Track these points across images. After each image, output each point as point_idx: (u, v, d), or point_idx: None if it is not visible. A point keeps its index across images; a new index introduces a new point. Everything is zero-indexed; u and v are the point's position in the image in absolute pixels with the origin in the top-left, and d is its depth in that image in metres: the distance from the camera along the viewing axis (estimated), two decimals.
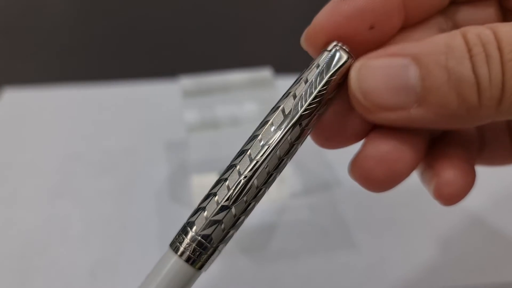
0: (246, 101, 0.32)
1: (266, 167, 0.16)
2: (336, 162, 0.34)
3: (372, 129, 0.17)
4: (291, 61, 0.18)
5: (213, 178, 0.17)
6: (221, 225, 0.16)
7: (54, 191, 0.32)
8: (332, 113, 0.17)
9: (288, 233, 0.30)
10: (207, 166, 0.29)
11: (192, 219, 0.16)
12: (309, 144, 0.19)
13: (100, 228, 0.30)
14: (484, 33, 0.14)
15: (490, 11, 0.18)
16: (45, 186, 0.33)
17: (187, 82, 0.34)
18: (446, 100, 0.14)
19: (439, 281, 0.27)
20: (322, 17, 0.17)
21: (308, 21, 0.18)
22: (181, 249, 0.16)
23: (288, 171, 0.32)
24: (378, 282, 0.27)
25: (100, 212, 0.31)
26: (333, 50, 0.16)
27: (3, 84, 0.43)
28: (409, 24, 0.18)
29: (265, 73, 0.34)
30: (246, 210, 0.16)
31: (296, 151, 0.16)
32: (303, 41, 0.17)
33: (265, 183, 0.16)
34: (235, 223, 0.16)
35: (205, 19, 0.56)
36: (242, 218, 0.16)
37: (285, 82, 0.17)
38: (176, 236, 0.16)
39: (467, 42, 0.14)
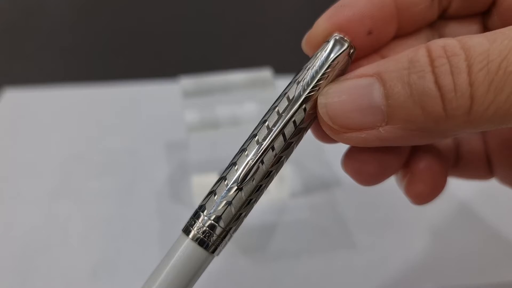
0: (246, 101, 0.32)
1: (273, 149, 0.16)
2: (336, 162, 0.34)
3: None
4: (291, 61, 0.18)
5: (213, 178, 0.17)
6: (231, 206, 0.16)
7: (54, 191, 0.32)
8: None
9: (288, 233, 0.30)
10: (207, 166, 0.29)
11: (203, 202, 0.16)
12: (309, 144, 0.19)
13: (100, 228, 0.30)
14: (450, 44, 0.14)
15: (474, 28, 0.19)
16: (45, 186, 0.33)
17: (187, 82, 0.34)
18: (411, 114, 0.14)
19: (439, 281, 0.27)
20: (324, 21, 0.17)
21: (307, 22, 0.18)
22: (193, 232, 0.16)
23: (288, 171, 0.32)
24: (378, 282, 0.27)
25: (100, 212, 0.31)
26: (333, 40, 0.17)
27: (3, 84, 0.43)
28: (402, 34, 0.19)
29: (265, 73, 0.34)
30: (255, 192, 0.16)
31: (302, 136, 0.17)
32: (304, 44, 0.18)
33: (273, 165, 0.16)
34: (245, 204, 0.16)
35: (205, 20, 0.56)
36: (252, 200, 0.16)
37: (285, 83, 0.17)
38: (188, 221, 0.16)
39: (430, 55, 0.14)
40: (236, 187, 0.16)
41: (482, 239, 0.29)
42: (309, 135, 0.19)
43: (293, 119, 0.16)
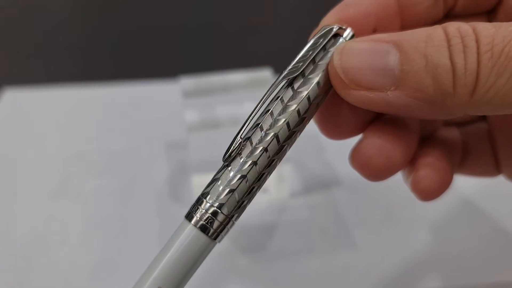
0: (246, 101, 0.32)
1: (268, 131, 0.16)
2: (336, 162, 0.34)
3: (372, 121, 0.18)
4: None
5: None
6: (234, 193, 0.16)
7: (54, 191, 0.32)
8: (335, 102, 0.18)
9: (288, 233, 0.30)
10: (207, 166, 0.29)
11: (207, 189, 0.16)
12: (309, 144, 0.20)
13: (100, 228, 0.30)
14: (463, 27, 0.15)
15: None
16: (45, 186, 0.33)
17: (187, 82, 0.34)
18: (422, 84, 0.15)
19: (439, 280, 0.27)
20: (330, 18, 0.18)
21: (307, 22, 0.18)
22: (195, 218, 0.16)
23: (288, 171, 0.32)
24: (378, 282, 0.27)
25: (100, 212, 0.31)
26: (324, 28, 0.17)
27: (3, 84, 0.43)
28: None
29: (265, 73, 0.34)
30: (259, 179, 0.16)
31: (299, 121, 0.17)
32: None
33: (271, 144, 0.16)
34: (248, 192, 0.16)
35: (205, 19, 0.56)
36: (254, 188, 0.16)
37: None
38: (191, 208, 0.16)
39: (446, 34, 0.15)
40: (239, 174, 0.16)
41: (485, 238, 0.29)
42: (309, 134, 0.19)
43: (281, 98, 0.17)
